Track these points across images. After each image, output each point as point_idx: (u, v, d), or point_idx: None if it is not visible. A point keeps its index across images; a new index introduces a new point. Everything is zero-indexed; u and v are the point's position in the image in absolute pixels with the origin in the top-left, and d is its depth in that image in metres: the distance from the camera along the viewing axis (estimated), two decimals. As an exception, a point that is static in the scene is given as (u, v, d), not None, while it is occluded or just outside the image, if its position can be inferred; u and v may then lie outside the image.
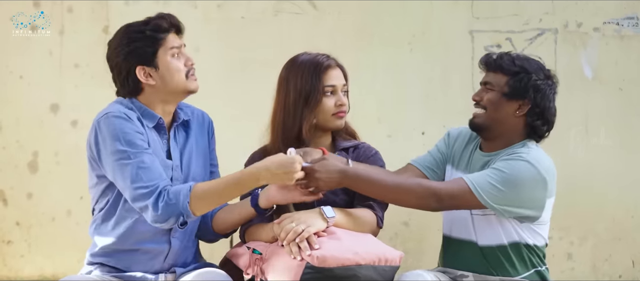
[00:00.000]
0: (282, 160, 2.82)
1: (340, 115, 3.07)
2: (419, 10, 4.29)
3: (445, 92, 4.27)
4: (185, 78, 2.97)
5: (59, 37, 4.17)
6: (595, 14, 4.34)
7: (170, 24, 2.97)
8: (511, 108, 3.03)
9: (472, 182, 2.93)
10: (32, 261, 4.23)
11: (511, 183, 2.93)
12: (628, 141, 4.37)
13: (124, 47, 2.94)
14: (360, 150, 3.13)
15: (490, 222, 3.03)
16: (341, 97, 3.07)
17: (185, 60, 2.99)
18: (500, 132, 3.06)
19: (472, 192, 2.91)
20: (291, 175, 2.80)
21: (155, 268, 2.98)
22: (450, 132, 3.25)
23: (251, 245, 2.91)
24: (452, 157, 3.18)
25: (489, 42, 4.30)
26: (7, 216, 4.21)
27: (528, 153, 2.98)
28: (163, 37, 2.95)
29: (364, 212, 3.00)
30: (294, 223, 2.79)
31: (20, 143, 4.19)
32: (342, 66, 3.13)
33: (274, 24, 4.24)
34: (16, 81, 4.18)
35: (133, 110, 2.95)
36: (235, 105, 4.21)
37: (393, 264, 2.81)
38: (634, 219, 4.39)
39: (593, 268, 4.39)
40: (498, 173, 2.93)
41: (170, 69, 2.95)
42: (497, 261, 3.04)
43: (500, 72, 3.04)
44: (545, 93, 3.04)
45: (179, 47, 2.98)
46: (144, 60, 2.94)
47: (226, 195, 2.85)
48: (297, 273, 2.71)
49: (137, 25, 2.96)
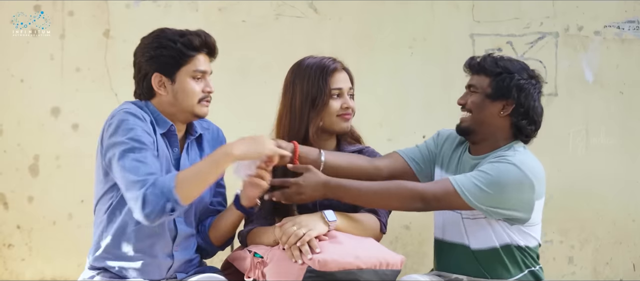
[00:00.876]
0: (254, 135, 2.86)
1: (346, 117, 3.09)
2: (420, 14, 4.29)
3: (446, 95, 4.27)
4: (196, 103, 2.96)
5: (60, 40, 4.17)
6: (596, 18, 4.34)
7: (204, 44, 2.96)
8: (495, 108, 3.04)
9: (457, 182, 2.93)
10: (32, 265, 4.23)
11: (496, 185, 2.93)
12: (629, 144, 4.37)
13: (151, 49, 2.94)
14: (364, 153, 3.14)
15: (481, 225, 3.03)
16: (347, 100, 3.09)
17: (204, 85, 2.97)
18: (486, 134, 3.06)
19: (458, 193, 2.91)
20: (261, 145, 2.80)
21: (156, 276, 2.98)
22: (440, 132, 3.26)
23: (252, 248, 2.91)
24: (441, 159, 3.18)
25: (490, 46, 4.30)
26: (7, 219, 4.20)
27: (514, 156, 2.98)
28: (192, 55, 2.94)
29: (367, 217, 3.00)
30: (295, 226, 2.79)
31: (21, 146, 4.19)
32: (348, 69, 3.15)
33: (275, 27, 4.24)
34: (17, 85, 4.18)
35: (147, 113, 2.94)
36: (236, 108, 4.21)
37: (394, 268, 2.81)
38: (634, 223, 4.39)
39: (594, 271, 4.39)
40: (483, 175, 2.94)
41: (186, 89, 2.94)
42: (490, 264, 3.04)
43: (483, 74, 3.06)
44: (529, 92, 3.04)
45: (203, 72, 2.96)
46: (164, 70, 2.93)
47: (205, 173, 2.82)
48: (298, 276, 2.71)
49: (172, 33, 2.94)
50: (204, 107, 2.99)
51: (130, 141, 2.83)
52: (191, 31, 2.96)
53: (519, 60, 3.12)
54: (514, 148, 3.04)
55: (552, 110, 4.31)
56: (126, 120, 2.87)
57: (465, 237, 3.06)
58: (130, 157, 2.82)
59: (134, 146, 2.83)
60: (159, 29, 2.98)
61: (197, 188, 2.83)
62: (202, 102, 2.97)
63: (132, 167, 2.81)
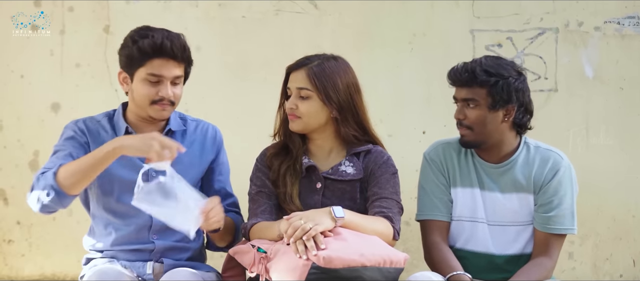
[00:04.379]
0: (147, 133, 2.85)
1: (290, 117, 3.06)
2: (419, 10, 4.28)
3: (446, 91, 4.23)
4: (148, 105, 2.97)
5: (60, 36, 4.17)
6: (596, 13, 4.34)
7: (159, 50, 2.92)
8: (498, 117, 3.02)
9: (571, 227, 3.08)
10: (32, 261, 4.23)
11: (574, 191, 3.11)
12: (629, 140, 4.37)
13: (121, 46, 3.01)
14: (371, 155, 3.09)
15: (507, 233, 3.09)
16: (292, 100, 3.05)
17: (160, 89, 2.95)
18: (494, 141, 3.06)
19: (572, 231, 3.11)
20: (148, 144, 2.75)
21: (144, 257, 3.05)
22: (430, 157, 3.18)
23: (256, 243, 2.91)
24: (452, 179, 3.14)
25: (490, 42, 4.30)
26: (7, 215, 4.21)
27: (562, 160, 3.10)
28: (145, 59, 2.94)
29: (379, 222, 2.97)
30: (302, 220, 2.78)
31: (21, 142, 4.19)
32: (309, 66, 3.04)
33: (275, 23, 4.24)
34: (17, 80, 4.18)
35: (99, 125, 3.04)
36: (235, 104, 4.21)
37: (398, 266, 2.81)
38: (634, 218, 4.39)
39: (594, 267, 4.39)
40: (569, 198, 3.07)
41: (138, 90, 2.97)
42: (514, 270, 3.06)
43: (476, 86, 3.00)
44: (524, 89, 3.04)
45: (159, 76, 2.94)
46: (125, 67, 3.00)
47: (88, 163, 2.82)
48: (302, 273, 2.70)
49: (139, 34, 2.96)
50: (159, 111, 2.98)
51: (55, 147, 2.98)
52: (155, 33, 2.94)
53: (500, 57, 3.09)
54: (535, 145, 3.11)
55: (552, 106, 4.32)
56: (62, 133, 3.04)
57: (491, 246, 3.08)
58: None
59: (55, 150, 2.97)
60: (142, 26, 3.00)
61: (79, 176, 2.82)
62: (155, 105, 2.97)
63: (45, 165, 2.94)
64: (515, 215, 3.07)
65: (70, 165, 2.84)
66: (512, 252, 3.08)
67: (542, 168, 3.05)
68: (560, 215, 3.03)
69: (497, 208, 3.07)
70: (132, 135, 2.91)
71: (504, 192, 3.07)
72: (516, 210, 3.06)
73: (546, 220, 3.03)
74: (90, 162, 2.81)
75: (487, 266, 3.07)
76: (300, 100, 3.02)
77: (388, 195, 3.03)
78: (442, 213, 3.10)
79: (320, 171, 3.04)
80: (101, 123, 3.06)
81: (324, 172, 3.04)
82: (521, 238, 3.08)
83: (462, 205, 3.09)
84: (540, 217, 3.04)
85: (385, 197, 3.03)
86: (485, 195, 3.08)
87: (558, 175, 3.05)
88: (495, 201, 3.07)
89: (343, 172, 3.04)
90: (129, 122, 3.04)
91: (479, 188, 3.08)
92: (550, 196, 3.03)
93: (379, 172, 3.05)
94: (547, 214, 3.03)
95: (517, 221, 3.07)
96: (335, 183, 3.03)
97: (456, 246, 3.11)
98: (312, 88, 3.01)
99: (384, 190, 3.03)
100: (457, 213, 3.10)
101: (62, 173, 2.81)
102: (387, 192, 3.03)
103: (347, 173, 3.04)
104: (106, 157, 2.80)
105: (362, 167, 3.05)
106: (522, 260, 3.06)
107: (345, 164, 3.06)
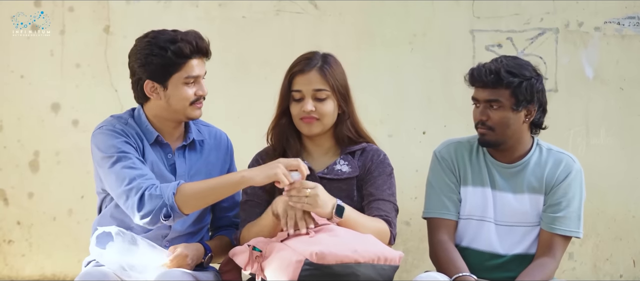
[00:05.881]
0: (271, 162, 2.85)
1: (306, 121, 3.02)
2: (420, 10, 4.29)
3: (447, 91, 4.27)
4: (188, 106, 2.95)
5: (60, 36, 4.17)
6: (596, 14, 4.34)
7: (196, 49, 2.92)
8: (520, 117, 3.03)
9: (571, 230, 3.07)
10: (33, 261, 4.23)
11: (582, 193, 3.11)
12: (629, 141, 4.37)
13: (142, 56, 2.91)
14: (367, 153, 3.08)
15: (514, 233, 3.09)
16: (306, 104, 3.01)
17: (197, 89, 2.95)
18: (513, 141, 3.06)
19: (578, 234, 3.10)
20: (274, 170, 2.78)
21: None
22: (441, 155, 3.17)
23: (252, 242, 2.91)
24: (463, 177, 3.14)
25: (490, 42, 4.30)
26: (8, 215, 4.21)
27: (574, 163, 3.09)
28: (183, 62, 2.91)
29: (378, 223, 2.97)
30: (309, 189, 2.80)
31: (21, 142, 4.19)
32: (319, 66, 3.02)
33: (275, 23, 4.24)
34: (17, 81, 4.18)
35: (130, 126, 2.96)
36: (236, 104, 4.21)
37: (392, 264, 2.80)
38: (634, 219, 4.39)
39: (594, 267, 4.39)
40: (577, 201, 3.07)
41: (178, 95, 2.93)
42: (519, 269, 3.06)
43: (501, 87, 3.00)
44: (542, 89, 3.06)
45: (196, 77, 2.94)
46: (155, 77, 2.92)
47: (215, 191, 2.84)
48: (296, 270, 2.70)
49: (164, 40, 2.90)
50: (197, 110, 2.98)
51: (115, 153, 2.88)
52: (183, 35, 2.92)
53: (517, 57, 3.10)
54: (548, 147, 3.12)
55: (552, 106, 4.27)
56: (102, 135, 2.92)
57: (497, 246, 3.08)
58: (114, 166, 2.86)
59: (120, 156, 2.87)
60: (152, 33, 2.95)
61: (201, 201, 2.86)
62: (194, 105, 2.97)
63: (123, 174, 2.84)
64: (524, 216, 3.07)
65: (191, 186, 2.83)
66: (518, 252, 3.08)
67: (555, 170, 3.06)
68: (567, 217, 3.04)
69: (506, 208, 3.08)
70: (255, 168, 2.86)
71: (515, 193, 3.07)
72: (526, 210, 3.07)
73: (553, 220, 3.04)
74: (214, 192, 2.84)
75: (492, 266, 3.07)
76: (317, 102, 2.99)
77: (386, 197, 3.02)
78: (451, 212, 3.10)
79: (315, 172, 3.04)
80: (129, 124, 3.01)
81: (320, 172, 3.04)
82: (527, 239, 3.08)
83: (472, 203, 3.09)
84: (547, 217, 3.05)
85: (383, 199, 3.02)
86: (496, 195, 3.08)
87: (569, 178, 3.06)
88: (505, 201, 3.07)
89: (338, 171, 3.04)
90: (156, 128, 3.01)
91: (490, 188, 3.09)
92: (560, 197, 3.05)
93: (376, 172, 3.05)
94: (555, 214, 3.04)
95: (525, 221, 3.07)
96: (332, 183, 3.02)
97: (462, 244, 3.11)
98: (329, 89, 2.99)
99: (382, 192, 3.03)
100: (467, 211, 3.10)
101: (181, 196, 2.81)
102: (385, 194, 3.02)
103: (342, 171, 3.04)
104: (233, 189, 2.86)
105: (358, 165, 3.05)
106: (526, 259, 3.06)
107: (340, 163, 3.05)
